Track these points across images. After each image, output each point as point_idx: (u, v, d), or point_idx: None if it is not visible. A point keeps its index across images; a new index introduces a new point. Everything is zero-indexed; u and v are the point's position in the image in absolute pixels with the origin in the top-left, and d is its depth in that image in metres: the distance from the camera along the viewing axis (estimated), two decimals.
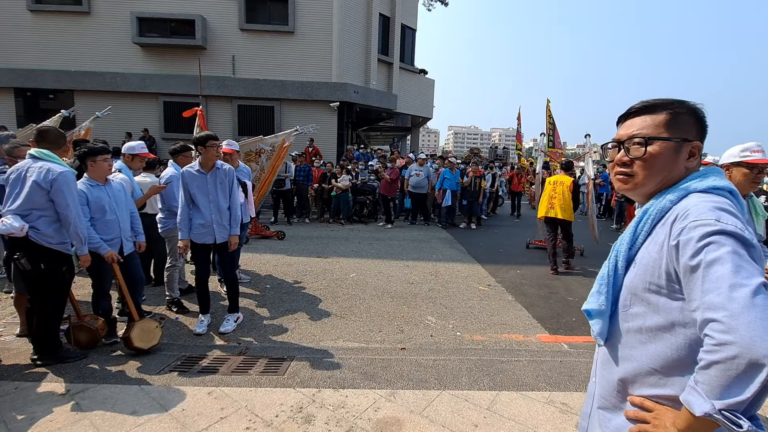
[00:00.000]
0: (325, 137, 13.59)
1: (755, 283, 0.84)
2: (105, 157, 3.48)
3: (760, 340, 0.79)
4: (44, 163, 3.00)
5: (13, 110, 13.00)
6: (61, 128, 3.69)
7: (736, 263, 0.86)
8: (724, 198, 1.01)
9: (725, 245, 0.89)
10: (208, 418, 2.61)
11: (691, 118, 1.10)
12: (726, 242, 0.89)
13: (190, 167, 3.82)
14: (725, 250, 0.88)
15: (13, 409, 2.65)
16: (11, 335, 3.69)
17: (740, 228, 0.91)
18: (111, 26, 12.71)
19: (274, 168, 8.24)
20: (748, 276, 0.85)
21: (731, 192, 1.04)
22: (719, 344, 0.83)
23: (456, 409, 2.80)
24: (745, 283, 0.84)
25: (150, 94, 13.06)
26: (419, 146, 22.11)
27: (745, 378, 0.80)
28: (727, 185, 1.04)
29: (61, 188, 2.96)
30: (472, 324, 4.44)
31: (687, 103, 1.11)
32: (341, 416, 2.69)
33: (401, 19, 16.36)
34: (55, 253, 3.07)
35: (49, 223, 3.02)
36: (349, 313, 4.61)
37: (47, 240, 3.02)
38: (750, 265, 0.87)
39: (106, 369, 3.17)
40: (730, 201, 1.01)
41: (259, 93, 13.11)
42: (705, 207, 0.96)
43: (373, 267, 6.51)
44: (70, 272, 3.24)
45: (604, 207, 13.95)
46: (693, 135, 1.09)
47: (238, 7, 12.90)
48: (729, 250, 0.88)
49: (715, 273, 0.87)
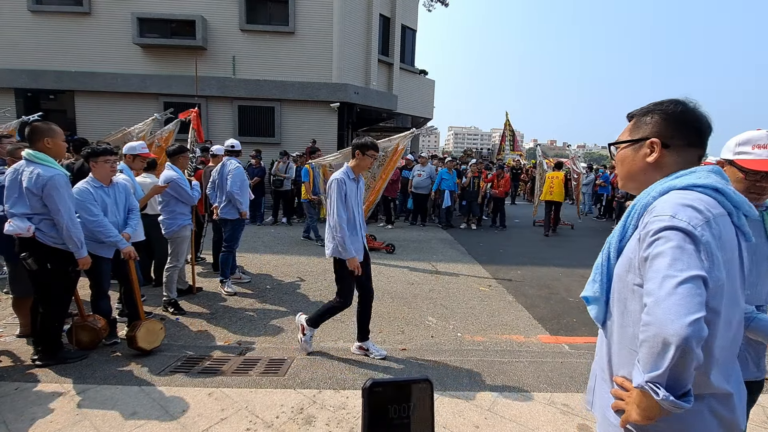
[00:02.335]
0: (325, 138, 13.58)
1: (685, 275, 0.93)
2: (107, 158, 3.48)
3: (670, 322, 0.91)
4: (35, 167, 2.95)
5: (14, 111, 13.00)
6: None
7: (674, 257, 0.96)
8: (702, 195, 1.06)
9: (671, 240, 0.98)
10: (208, 419, 2.61)
11: (654, 118, 1.18)
12: (672, 237, 0.98)
13: (344, 173, 3.33)
14: (669, 245, 0.98)
15: (14, 409, 2.64)
16: (11, 335, 3.69)
17: (693, 224, 0.98)
18: (111, 27, 12.71)
19: (387, 174, 7.51)
20: (681, 269, 0.95)
21: (717, 190, 1.07)
22: (644, 325, 0.97)
23: (457, 410, 2.79)
24: (675, 274, 0.95)
25: (150, 95, 13.05)
26: (419, 147, 22.13)
27: (661, 354, 0.93)
28: (710, 183, 1.07)
29: (50, 194, 2.93)
30: (472, 325, 4.43)
31: (661, 104, 1.19)
32: (342, 417, 2.68)
33: (401, 20, 16.36)
34: (62, 252, 3.07)
35: (52, 224, 3.02)
36: (349, 314, 4.59)
37: (52, 240, 3.02)
38: (689, 258, 0.96)
39: (107, 369, 3.17)
40: (706, 198, 1.05)
41: (260, 93, 13.11)
42: (671, 203, 1.04)
43: (373, 267, 6.48)
44: (76, 272, 3.24)
45: (605, 207, 13.94)
46: (652, 133, 1.18)
47: (238, 7, 12.90)
48: (672, 245, 0.98)
49: (656, 265, 0.99)
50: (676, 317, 0.91)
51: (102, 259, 3.47)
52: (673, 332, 0.90)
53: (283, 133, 13.51)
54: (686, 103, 1.17)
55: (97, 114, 12.81)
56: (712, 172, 1.10)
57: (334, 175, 3.33)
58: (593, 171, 15.85)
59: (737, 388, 1.13)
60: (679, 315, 0.91)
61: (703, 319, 0.91)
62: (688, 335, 0.89)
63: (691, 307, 0.91)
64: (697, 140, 1.16)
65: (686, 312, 0.91)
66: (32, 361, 3.18)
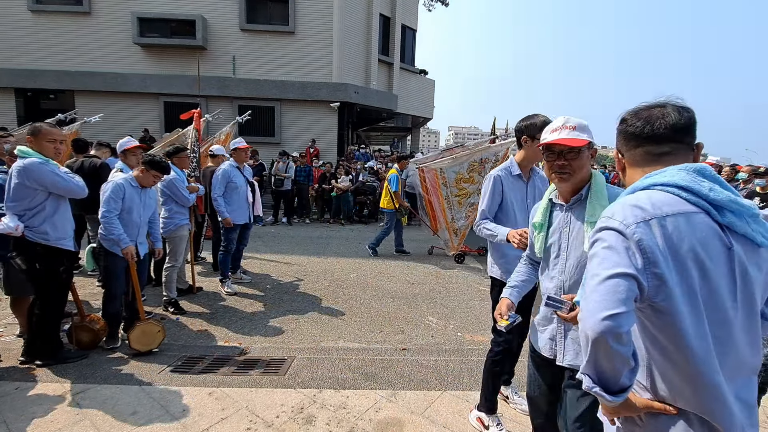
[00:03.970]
0: (325, 137, 13.59)
1: (608, 273, 0.98)
2: (156, 174, 3.59)
3: (588, 318, 0.97)
4: (19, 161, 2.99)
5: (14, 110, 13.01)
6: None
7: (603, 256, 1.02)
8: (658, 193, 1.05)
9: (604, 240, 1.04)
10: (208, 419, 2.61)
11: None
12: (605, 237, 1.04)
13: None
14: (601, 246, 1.04)
15: (14, 409, 2.64)
16: (11, 335, 3.69)
17: (626, 223, 1.01)
18: (111, 26, 12.72)
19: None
20: (606, 267, 0.99)
21: (681, 187, 1.04)
22: (579, 320, 1.02)
23: (457, 410, 2.79)
24: (600, 272, 1.00)
25: (150, 95, 13.06)
26: (420, 147, 22.11)
27: (585, 348, 0.99)
28: (674, 181, 1.05)
29: (35, 178, 2.94)
30: (473, 324, 4.43)
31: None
32: (342, 417, 2.68)
33: (402, 20, 16.37)
34: (53, 250, 3.05)
35: (44, 219, 3.00)
36: (349, 314, 4.60)
37: (44, 237, 3.00)
38: (617, 256, 0.99)
39: (107, 369, 3.17)
40: (663, 196, 1.04)
41: (260, 93, 13.11)
42: (616, 205, 1.08)
43: (373, 267, 6.50)
44: (68, 271, 3.22)
45: None
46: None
47: (238, 7, 12.90)
48: (604, 245, 1.03)
49: (590, 265, 1.05)
50: (594, 313, 0.96)
51: (113, 256, 3.42)
52: (590, 327, 0.96)
53: (283, 132, 13.51)
54: (623, 118, 1.22)
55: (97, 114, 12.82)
56: (684, 170, 1.07)
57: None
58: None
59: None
60: (596, 311, 0.96)
61: (622, 315, 0.94)
62: (602, 330, 0.93)
63: (608, 304, 0.95)
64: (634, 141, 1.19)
65: (603, 308, 0.95)
66: (20, 362, 3.16)
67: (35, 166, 2.95)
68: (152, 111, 13.22)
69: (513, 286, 1.90)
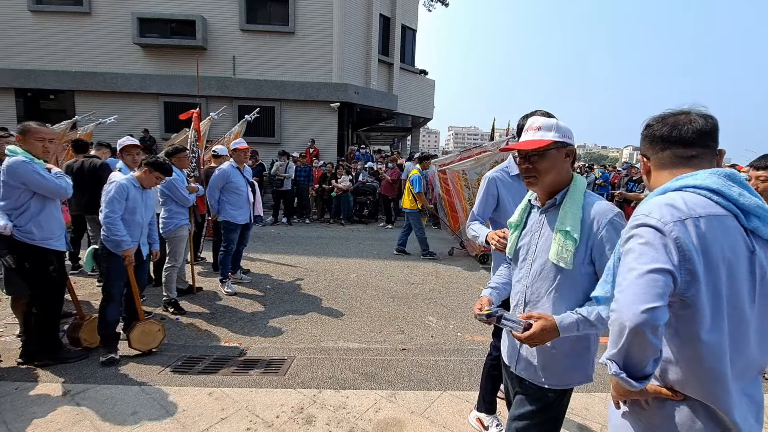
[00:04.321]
0: (325, 138, 13.59)
1: (648, 268, 1.02)
2: (159, 175, 3.58)
3: (628, 309, 1.01)
4: (7, 159, 2.98)
5: (14, 111, 13.01)
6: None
7: (641, 252, 1.06)
8: (691, 195, 1.11)
9: (641, 237, 1.07)
10: (208, 419, 2.61)
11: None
12: (643, 234, 1.08)
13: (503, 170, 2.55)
14: (638, 241, 1.08)
15: (14, 409, 2.64)
16: (11, 335, 3.69)
17: (664, 221, 1.06)
18: (111, 27, 12.73)
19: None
20: (645, 262, 1.04)
21: (713, 191, 1.10)
22: (610, 311, 1.07)
23: (457, 410, 2.79)
24: (638, 267, 1.04)
25: (150, 95, 13.07)
26: (420, 147, 22.12)
27: (618, 337, 1.04)
28: (706, 184, 1.11)
29: (18, 176, 2.92)
30: (473, 324, 4.43)
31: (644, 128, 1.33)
32: (342, 417, 2.68)
33: (402, 20, 16.38)
34: (40, 250, 3.03)
35: (29, 219, 2.98)
36: (349, 314, 4.60)
37: (29, 237, 2.99)
38: (655, 252, 1.04)
39: (107, 369, 3.16)
40: (695, 198, 1.10)
41: (260, 93, 13.12)
42: (651, 203, 1.12)
43: (373, 267, 6.50)
44: (59, 270, 3.17)
45: None
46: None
47: (238, 7, 12.91)
48: (641, 241, 1.07)
49: (626, 259, 1.09)
50: (633, 305, 1.01)
51: (116, 257, 3.37)
52: (628, 318, 1.01)
53: (283, 133, 13.52)
54: (648, 124, 1.28)
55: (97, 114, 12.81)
56: (715, 174, 1.12)
57: None
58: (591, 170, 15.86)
59: (744, 422, 1.08)
60: (635, 303, 1.01)
61: (660, 308, 0.99)
62: (640, 322, 0.99)
63: (648, 297, 1.00)
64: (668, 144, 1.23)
65: (642, 301, 1.00)
66: (17, 363, 3.16)
67: (18, 164, 2.93)
68: (152, 111, 13.23)
69: (493, 288, 1.81)
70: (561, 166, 1.54)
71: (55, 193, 3.08)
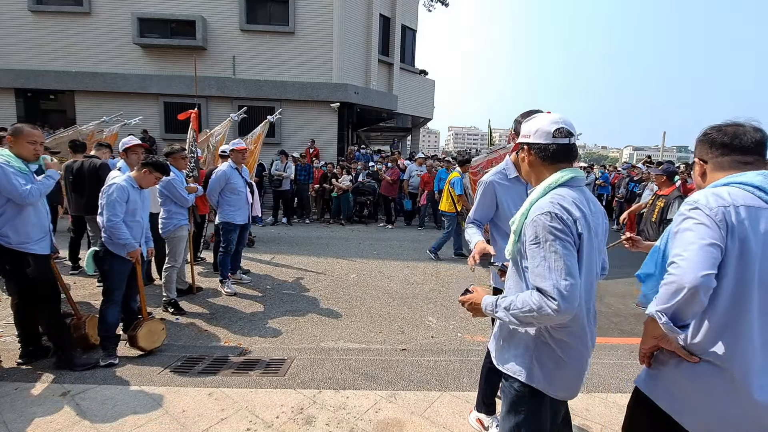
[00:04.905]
0: (325, 138, 13.59)
1: (704, 242, 1.26)
2: (158, 175, 3.58)
3: (690, 273, 1.23)
4: None
5: (14, 111, 13.01)
6: None
7: (697, 230, 1.29)
8: (736, 189, 1.33)
9: (694, 218, 1.31)
10: (208, 419, 2.61)
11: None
12: (695, 216, 1.32)
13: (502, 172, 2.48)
14: (692, 222, 1.31)
15: (14, 409, 2.64)
16: (11, 335, 3.68)
17: (710, 206, 1.30)
18: (112, 27, 12.72)
19: None
20: (702, 237, 1.27)
21: (756, 186, 1.32)
22: (669, 274, 1.29)
23: (457, 411, 2.79)
24: (697, 241, 1.27)
25: (150, 95, 13.05)
26: (419, 147, 22.12)
27: (674, 294, 1.26)
28: (749, 181, 1.33)
29: None
30: (473, 325, 4.43)
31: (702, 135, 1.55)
32: (342, 417, 2.68)
33: (402, 20, 16.37)
34: (17, 253, 2.98)
35: (5, 222, 2.95)
36: (349, 314, 4.60)
37: (6, 240, 2.95)
38: (708, 231, 1.27)
39: (107, 369, 3.16)
40: (740, 191, 1.32)
41: (260, 94, 13.11)
42: (702, 194, 1.36)
43: (373, 267, 6.50)
44: (42, 273, 3.11)
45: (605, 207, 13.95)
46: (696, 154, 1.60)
47: (238, 7, 12.90)
48: (695, 221, 1.30)
49: (684, 236, 1.32)
50: (695, 270, 1.22)
51: (118, 259, 3.36)
52: (689, 281, 1.22)
53: (284, 133, 13.51)
54: (706, 132, 1.49)
55: (98, 114, 12.74)
56: (761, 174, 1.34)
57: None
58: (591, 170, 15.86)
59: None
60: (697, 269, 1.22)
61: (713, 275, 1.23)
62: (699, 284, 1.21)
63: (707, 265, 1.23)
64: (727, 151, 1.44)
65: (703, 268, 1.22)
66: (17, 363, 3.16)
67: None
68: (152, 111, 13.22)
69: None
70: (525, 166, 1.62)
71: (17, 199, 2.94)
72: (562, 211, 1.39)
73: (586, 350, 1.53)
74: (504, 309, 1.47)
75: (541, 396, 1.55)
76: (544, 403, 1.57)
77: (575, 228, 1.40)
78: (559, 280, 1.33)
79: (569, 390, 1.57)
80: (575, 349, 1.50)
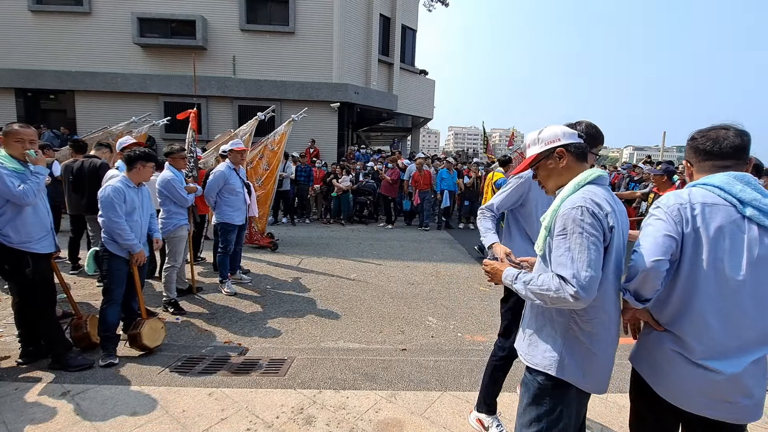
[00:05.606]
0: (325, 137, 13.59)
1: (657, 234, 1.47)
2: (151, 165, 3.56)
3: (643, 259, 1.44)
4: None
5: (14, 111, 13.01)
6: None
7: (653, 224, 1.50)
8: (699, 189, 1.52)
9: (653, 215, 1.53)
10: (208, 419, 2.60)
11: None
12: (654, 212, 1.53)
13: None
14: (652, 218, 1.52)
15: (14, 409, 2.64)
16: (11, 335, 3.68)
17: (667, 204, 1.51)
18: (112, 27, 12.72)
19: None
20: (657, 229, 1.48)
21: (718, 187, 1.48)
22: (631, 260, 1.50)
23: (457, 411, 2.79)
24: (651, 233, 1.49)
25: (151, 95, 13.06)
26: (420, 147, 22.11)
27: (636, 276, 1.46)
28: (713, 182, 1.49)
29: None
30: (473, 325, 4.43)
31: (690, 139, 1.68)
32: (342, 417, 2.68)
33: (402, 20, 16.37)
34: (17, 253, 2.99)
35: (6, 223, 2.95)
36: (349, 314, 4.60)
37: (7, 240, 2.96)
38: (661, 224, 1.48)
39: (107, 369, 3.16)
40: (701, 191, 1.49)
41: (260, 93, 13.11)
42: (665, 195, 1.56)
43: (373, 267, 6.50)
44: (39, 274, 3.10)
45: None
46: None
47: (238, 7, 12.90)
48: (654, 217, 1.51)
49: (645, 230, 1.52)
50: (647, 257, 1.43)
51: (118, 259, 3.35)
52: (642, 265, 1.43)
53: None
54: (693, 137, 1.60)
55: (98, 114, 12.82)
56: (727, 175, 1.46)
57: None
58: None
59: (728, 362, 1.42)
60: (649, 256, 1.43)
61: (663, 261, 1.41)
62: (650, 267, 1.42)
63: (657, 252, 1.42)
64: (706, 157, 1.56)
65: (653, 254, 1.42)
66: (17, 363, 3.15)
67: None
68: (152, 111, 13.19)
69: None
70: (557, 169, 1.64)
71: (15, 200, 2.94)
72: (593, 205, 1.45)
73: (613, 342, 1.58)
74: (523, 282, 1.57)
75: (564, 389, 1.58)
76: (567, 397, 1.59)
77: (606, 222, 1.45)
78: (581, 271, 1.39)
79: (598, 383, 1.60)
80: (604, 341, 1.55)
